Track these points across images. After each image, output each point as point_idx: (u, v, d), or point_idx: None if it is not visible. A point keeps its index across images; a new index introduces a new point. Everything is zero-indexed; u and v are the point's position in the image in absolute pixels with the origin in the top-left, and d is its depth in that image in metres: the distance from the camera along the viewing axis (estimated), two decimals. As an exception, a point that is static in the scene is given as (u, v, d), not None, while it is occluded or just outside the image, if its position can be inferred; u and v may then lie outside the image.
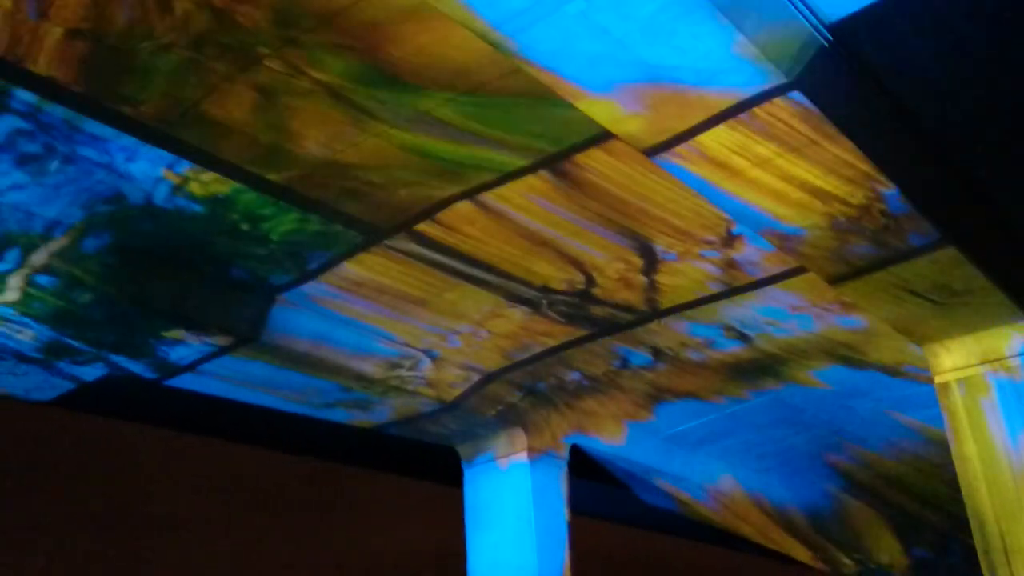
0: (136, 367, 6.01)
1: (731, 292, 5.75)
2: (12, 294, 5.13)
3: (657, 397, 7.38)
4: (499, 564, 6.87)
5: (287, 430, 7.15)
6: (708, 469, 8.36)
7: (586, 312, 6.05)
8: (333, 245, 5.32)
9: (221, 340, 5.73)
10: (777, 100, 3.59)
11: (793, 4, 3.57)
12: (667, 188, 4.85)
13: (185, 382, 6.22)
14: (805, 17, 3.64)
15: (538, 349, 6.49)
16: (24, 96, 4.11)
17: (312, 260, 5.44)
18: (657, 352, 6.60)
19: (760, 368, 6.86)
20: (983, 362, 5.27)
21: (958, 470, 5.19)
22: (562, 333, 6.29)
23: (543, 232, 5.29)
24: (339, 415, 6.81)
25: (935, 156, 4.59)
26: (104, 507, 11.40)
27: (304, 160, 4.62)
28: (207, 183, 4.72)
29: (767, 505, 8.87)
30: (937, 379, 5.37)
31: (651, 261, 5.51)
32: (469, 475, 7.24)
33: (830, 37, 3.76)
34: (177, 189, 4.74)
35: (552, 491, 7.03)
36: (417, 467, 8.07)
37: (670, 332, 6.33)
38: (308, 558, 12.62)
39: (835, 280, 4.88)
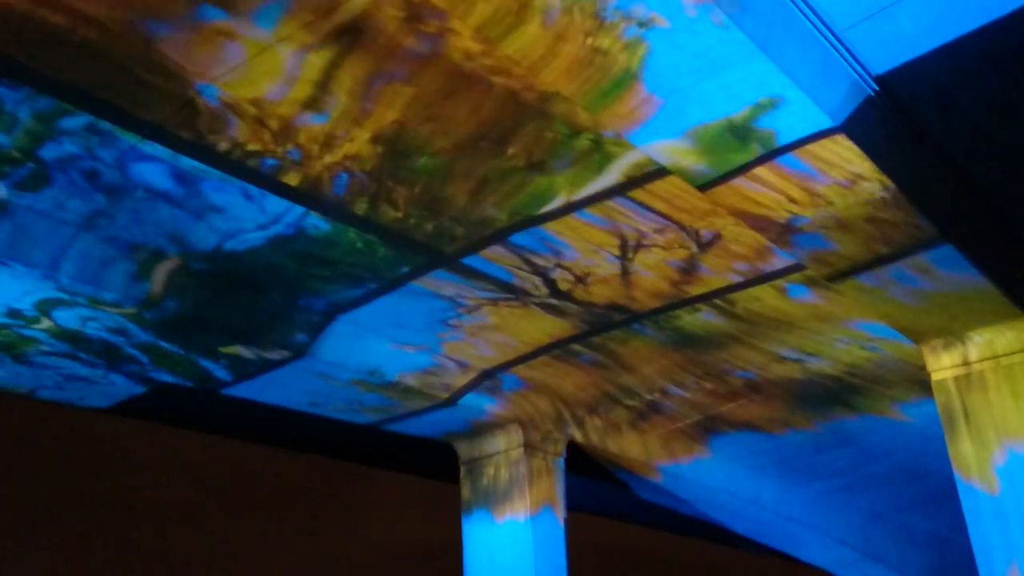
0: (200, 376, 6.20)
1: (730, 289, 5.78)
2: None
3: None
4: (495, 558, 6.89)
5: (285, 427, 7.15)
6: None
7: (609, 319, 6.17)
8: (398, 267, 5.53)
9: (279, 355, 5.93)
10: (825, 142, 3.92)
11: (842, 56, 3.89)
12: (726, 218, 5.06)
13: (242, 391, 6.41)
14: (853, 68, 3.95)
15: (554, 349, 6.59)
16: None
17: (377, 281, 5.64)
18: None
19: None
20: (980, 360, 5.29)
21: (954, 467, 5.21)
22: (575, 334, 6.43)
23: (606, 259, 5.48)
24: (359, 417, 6.90)
25: (946, 168, 4.73)
26: (104, 502, 11.40)
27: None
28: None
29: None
30: (934, 376, 5.38)
31: (689, 276, 5.64)
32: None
33: (876, 87, 4.07)
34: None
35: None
36: (413, 463, 8.08)
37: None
38: (304, 551, 12.64)
39: (834, 277, 4.89)
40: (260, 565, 12.20)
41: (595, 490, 8.20)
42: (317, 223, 5.09)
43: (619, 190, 4.88)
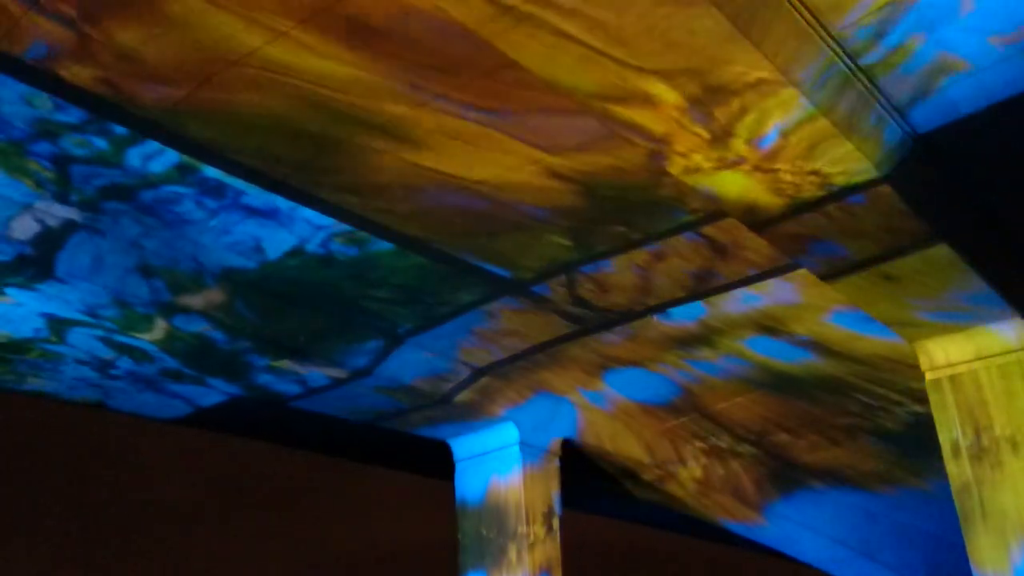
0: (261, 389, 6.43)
1: (729, 286, 5.83)
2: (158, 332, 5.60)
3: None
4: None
5: (279, 424, 7.17)
6: None
7: (611, 320, 6.27)
8: (460, 294, 5.69)
9: (334, 373, 6.15)
10: (867, 192, 4.15)
11: (888, 113, 4.16)
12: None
13: (310, 404, 6.67)
14: (898, 124, 4.22)
15: (553, 346, 6.64)
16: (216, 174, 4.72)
17: (437, 307, 5.80)
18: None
19: None
20: (975, 359, 5.29)
21: (948, 467, 5.22)
22: (573, 331, 6.49)
23: (632, 270, 5.62)
24: (358, 416, 6.96)
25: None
26: (103, 501, 11.42)
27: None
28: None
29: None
30: (928, 376, 5.39)
31: (703, 282, 5.72)
32: None
33: (919, 142, 4.34)
34: (336, 236, 5.18)
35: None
36: (411, 461, 8.10)
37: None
38: (304, 550, 12.65)
39: (828, 276, 4.91)
40: (260, 565, 12.21)
41: (592, 489, 8.21)
42: (383, 246, 5.23)
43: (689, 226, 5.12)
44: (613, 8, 3.10)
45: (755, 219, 4.40)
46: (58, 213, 4.74)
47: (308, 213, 4.96)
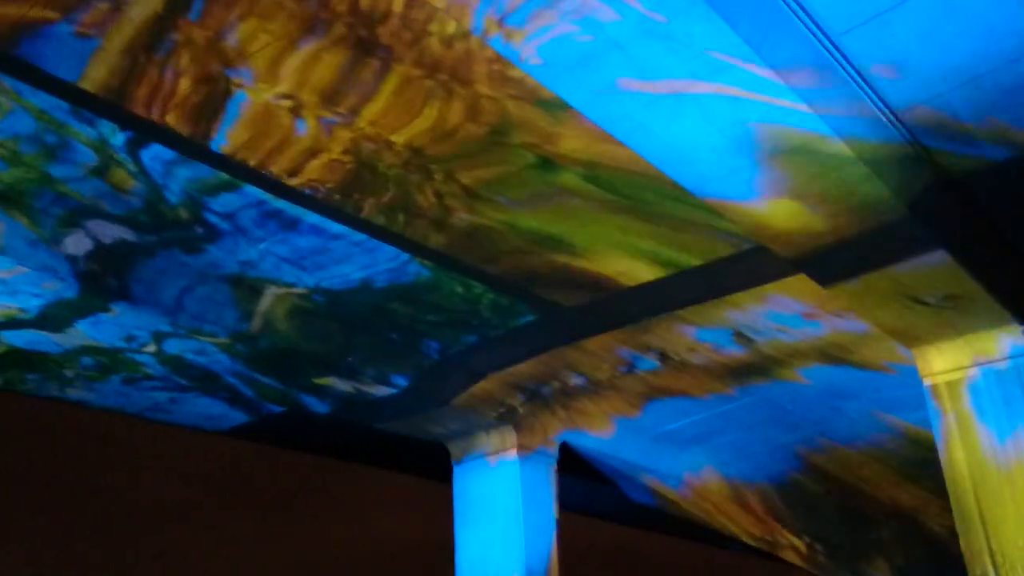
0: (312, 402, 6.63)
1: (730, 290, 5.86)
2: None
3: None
4: (487, 559, 6.90)
5: (276, 424, 7.18)
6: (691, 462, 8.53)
7: (621, 324, 6.40)
8: (509, 318, 5.91)
9: (380, 390, 6.39)
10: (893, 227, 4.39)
11: (921, 156, 4.39)
12: None
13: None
14: (926, 165, 4.47)
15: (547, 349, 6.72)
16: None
17: (488, 329, 6.03)
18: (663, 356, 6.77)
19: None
20: (972, 365, 5.29)
21: (945, 472, 5.21)
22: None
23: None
24: (362, 420, 7.04)
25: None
26: (103, 501, 11.41)
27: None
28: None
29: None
30: (926, 381, 5.38)
31: (715, 293, 5.88)
32: (459, 472, 7.30)
33: (945, 182, 4.58)
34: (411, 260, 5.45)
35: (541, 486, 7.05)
36: (405, 462, 8.11)
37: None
38: (302, 549, 12.64)
39: (827, 282, 4.91)
40: (259, 565, 12.21)
41: (586, 491, 8.21)
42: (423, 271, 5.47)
43: None
44: None
45: (790, 249, 4.57)
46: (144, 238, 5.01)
47: (389, 249, 5.23)
